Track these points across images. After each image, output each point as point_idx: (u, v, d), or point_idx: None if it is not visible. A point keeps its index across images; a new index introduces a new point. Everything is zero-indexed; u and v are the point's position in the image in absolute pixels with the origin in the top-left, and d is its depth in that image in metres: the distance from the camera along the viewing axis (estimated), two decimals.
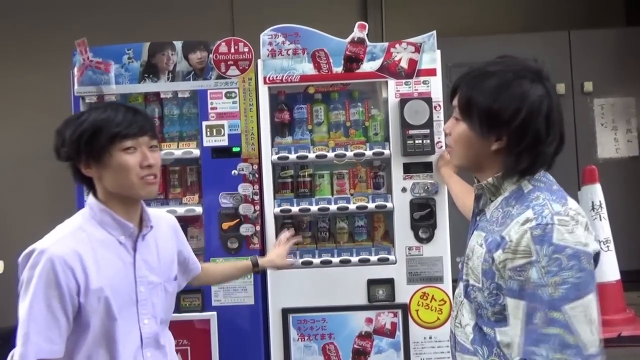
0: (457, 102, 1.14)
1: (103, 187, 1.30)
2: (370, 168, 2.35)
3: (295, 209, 2.24)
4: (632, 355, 2.50)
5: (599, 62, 3.13)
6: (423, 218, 2.19)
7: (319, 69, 2.23)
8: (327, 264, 2.22)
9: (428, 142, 2.16)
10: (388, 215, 2.30)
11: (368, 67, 2.23)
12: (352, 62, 2.23)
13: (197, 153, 2.25)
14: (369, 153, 2.24)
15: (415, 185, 2.20)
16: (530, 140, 1.06)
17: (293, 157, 2.23)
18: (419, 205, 2.19)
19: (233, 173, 2.23)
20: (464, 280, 1.17)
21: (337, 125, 2.34)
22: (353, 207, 2.22)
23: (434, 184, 2.19)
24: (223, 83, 2.25)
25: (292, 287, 2.19)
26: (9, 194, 3.22)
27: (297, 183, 2.34)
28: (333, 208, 2.23)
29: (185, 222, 2.27)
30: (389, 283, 2.19)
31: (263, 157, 2.23)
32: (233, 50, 2.25)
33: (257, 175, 2.23)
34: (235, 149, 2.23)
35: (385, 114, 2.29)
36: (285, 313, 2.20)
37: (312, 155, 2.24)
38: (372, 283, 2.19)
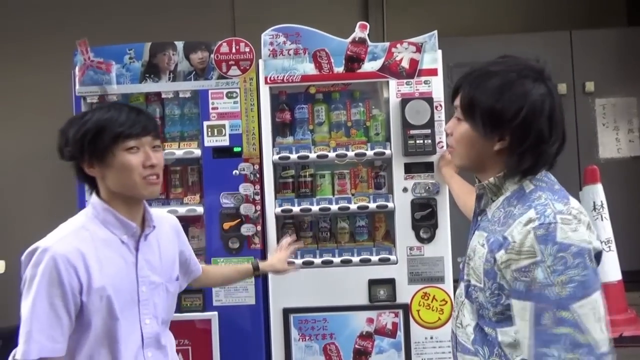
0: (459, 102, 1.14)
1: (106, 186, 1.31)
2: (372, 168, 2.35)
3: (297, 209, 2.24)
4: (633, 356, 2.49)
5: (601, 62, 3.12)
6: (424, 218, 2.19)
7: (320, 69, 2.23)
8: (328, 264, 2.22)
9: (429, 142, 2.16)
10: (389, 215, 2.30)
11: (369, 67, 2.23)
12: (353, 62, 2.23)
13: (198, 153, 2.25)
14: (370, 153, 2.24)
15: (417, 185, 2.20)
16: (533, 140, 1.06)
17: (294, 157, 2.23)
18: (420, 205, 2.19)
19: (234, 173, 2.23)
20: (465, 281, 1.17)
21: (338, 125, 2.34)
22: (354, 207, 2.22)
23: (435, 184, 2.19)
24: (224, 83, 2.25)
25: (293, 287, 2.19)
26: (11, 194, 3.23)
27: (298, 183, 2.34)
28: (334, 208, 2.23)
29: (187, 222, 2.27)
30: (390, 283, 2.19)
31: (264, 157, 2.23)
32: (234, 50, 2.25)
33: (258, 175, 2.23)
34: (237, 149, 2.23)
35: (387, 114, 2.29)
36: (287, 313, 2.20)
37: (313, 155, 2.24)
38: (373, 283, 2.19)
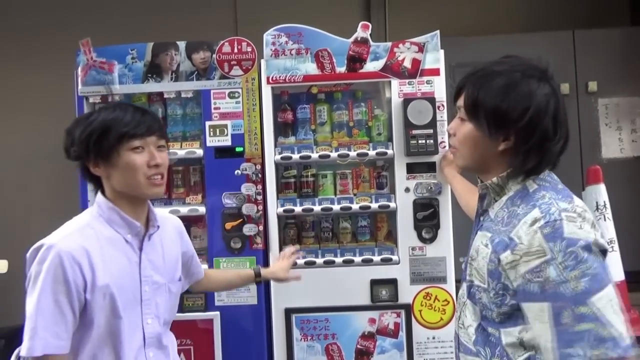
0: (462, 102, 1.13)
1: (111, 186, 1.32)
2: (374, 168, 2.35)
3: (298, 209, 2.24)
4: (636, 357, 2.48)
5: (604, 61, 3.11)
6: (426, 218, 2.19)
7: (322, 69, 2.23)
8: (330, 264, 2.22)
9: (431, 142, 2.16)
10: (391, 216, 2.30)
11: (371, 67, 2.23)
12: (355, 62, 2.23)
13: (200, 153, 2.25)
14: (372, 153, 2.24)
15: (419, 185, 2.20)
16: (538, 139, 1.06)
17: (296, 157, 2.23)
18: (422, 206, 2.19)
19: (236, 173, 2.23)
20: (468, 281, 1.17)
21: (340, 125, 2.33)
22: (356, 207, 2.22)
23: (438, 184, 2.19)
24: (226, 83, 2.25)
25: (295, 287, 2.17)
26: (14, 194, 3.23)
27: (300, 183, 2.34)
28: (336, 208, 2.23)
29: (189, 222, 2.27)
30: (392, 283, 2.19)
31: (266, 157, 2.23)
32: (236, 50, 2.25)
33: (260, 175, 2.23)
34: (239, 149, 2.24)
35: (389, 114, 2.29)
36: (288, 313, 2.20)
37: (315, 155, 2.24)
38: (375, 283, 2.19)
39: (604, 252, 1.02)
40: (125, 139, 1.28)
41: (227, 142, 2.24)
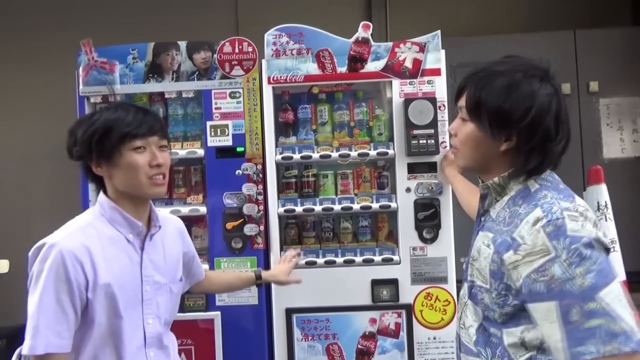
0: (464, 102, 1.13)
1: (113, 186, 1.32)
2: (375, 168, 2.35)
3: (299, 209, 2.24)
4: None
5: (605, 61, 3.11)
6: (427, 218, 2.19)
7: (323, 69, 2.23)
8: (331, 264, 2.21)
9: (432, 142, 2.16)
10: (392, 216, 2.30)
11: (372, 67, 2.23)
12: (356, 62, 2.23)
13: (201, 153, 2.25)
14: (373, 153, 2.23)
15: (420, 186, 2.19)
16: (540, 139, 1.06)
17: (297, 157, 2.23)
18: (423, 206, 2.19)
19: (237, 173, 2.23)
20: (469, 282, 1.17)
21: (341, 125, 2.33)
22: (357, 207, 2.22)
23: (438, 184, 2.19)
24: (227, 83, 2.26)
25: (296, 287, 2.16)
26: (15, 194, 3.24)
27: (301, 183, 2.34)
28: (337, 208, 2.23)
29: (190, 222, 2.27)
30: (393, 283, 2.19)
31: (267, 157, 2.23)
32: (237, 50, 2.25)
33: (261, 175, 2.23)
34: (240, 149, 2.24)
35: (390, 114, 2.28)
36: (289, 313, 2.20)
37: (316, 155, 2.24)
38: (376, 283, 2.19)
39: (607, 250, 1.01)
40: (127, 139, 1.28)
41: (228, 142, 2.24)
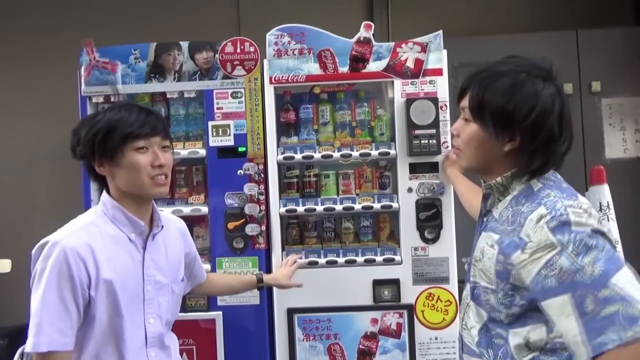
0: (467, 103, 1.13)
1: (115, 185, 1.33)
2: (376, 168, 2.35)
3: (301, 209, 2.24)
4: None
5: (607, 61, 3.10)
6: (429, 218, 2.18)
7: (325, 69, 2.23)
8: (332, 264, 2.21)
9: (434, 142, 2.16)
10: (394, 216, 2.30)
11: (374, 67, 2.23)
12: (358, 62, 2.23)
13: (203, 153, 2.25)
14: (375, 153, 2.23)
15: (421, 186, 2.19)
16: (544, 140, 1.06)
17: (299, 157, 2.23)
18: (425, 206, 2.19)
19: (239, 173, 2.23)
20: (471, 282, 1.16)
21: (342, 125, 2.33)
22: (359, 207, 2.22)
23: (440, 184, 2.18)
24: (229, 83, 2.26)
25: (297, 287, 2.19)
26: (17, 194, 3.24)
27: (302, 183, 2.34)
28: (339, 208, 2.23)
29: (191, 221, 2.27)
30: (395, 283, 2.19)
31: (269, 157, 2.23)
32: (239, 50, 2.26)
33: (262, 175, 2.23)
34: (241, 149, 2.24)
35: (391, 114, 2.28)
36: (291, 313, 2.20)
37: (317, 155, 2.24)
38: (377, 283, 2.19)
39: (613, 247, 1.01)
40: (130, 139, 1.29)
41: (229, 142, 2.24)
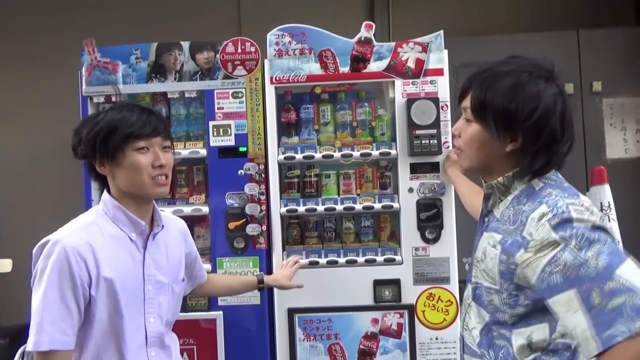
0: (468, 103, 1.13)
1: (116, 185, 1.33)
2: (377, 168, 2.35)
3: (302, 209, 2.24)
4: None
5: (608, 61, 3.10)
6: (430, 218, 2.18)
7: (326, 69, 2.23)
8: (333, 264, 2.21)
9: (435, 142, 2.15)
10: (394, 216, 2.30)
11: (375, 67, 2.23)
12: (359, 62, 2.23)
13: (203, 153, 2.26)
14: (376, 153, 2.23)
15: (422, 186, 2.19)
16: (546, 140, 1.06)
17: (299, 157, 2.23)
18: (426, 206, 2.19)
19: (239, 173, 2.23)
20: (473, 283, 1.16)
21: (343, 125, 2.33)
22: (359, 207, 2.22)
23: (441, 184, 2.18)
24: (230, 83, 2.26)
25: None
26: (18, 194, 3.24)
27: (303, 183, 2.33)
28: (339, 208, 2.23)
29: (192, 221, 2.27)
30: (395, 284, 2.18)
31: (269, 157, 2.23)
32: (240, 50, 2.26)
33: (263, 175, 2.23)
34: (242, 149, 2.24)
35: (392, 114, 2.28)
36: (291, 313, 2.20)
37: (318, 155, 2.24)
38: (378, 283, 2.19)
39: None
40: (131, 140, 1.29)
41: (230, 142, 2.24)
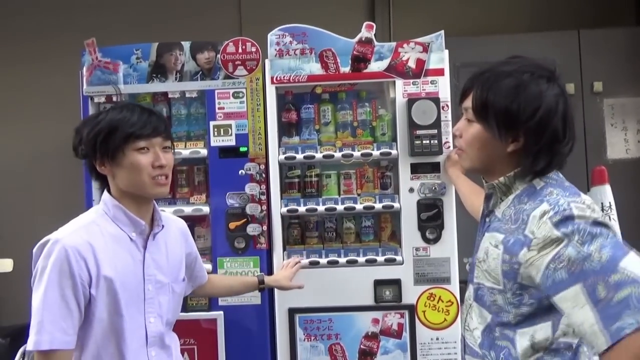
0: (470, 103, 1.13)
1: (116, 184, 1.33)
2: (378, 168, 2.35)
3: (302, 209, 2.24)
4: None
5: (609, 61, 3.09)
6: (430, 219, 2.18)
7: (327, 69, 2.23)
8: (333, 264, 2.21)
9: (435, 142, 2.15)
10: (395, 216, 2.30)
11: (376, 67, 2.23)
12: (359, 62, 2.23)
13: (204, 153, 2.26)
14: (376, 153, 2.23)
15: (423, 186, 2.19)
16: (548, 140, 1.06)
17: (300, 157, 2.23)
18: (426, 206, 2.18)
19: (240, 173, 2.23)
20: (475, 284, 1.16)
21: (344, 125, 2.33)
22: (360, 207, 2.22)
23: (442, 185, 2.18)
24: (231, 83, 2.26)
25: None
26: (19, 194, 3.25)
27: (304, 183, 2.34)
28: (340, 208, 2.23)
29: (193, 221, 2.27)
30: (396, 284, 2.18)
31: (270, 157, 2.23)
32: (240, 50, 2.26)
33: (264, 175, 2.23)
34: (243, 149, 2.24)
35: (393, 114, 2.28)
36: (292, 313, 2.20)
37: (319, 155, 2.24)
38: (378, 284, 2.19)
39: None
40: (131, 140, 1.29)
41: (231, 142, 2.24)
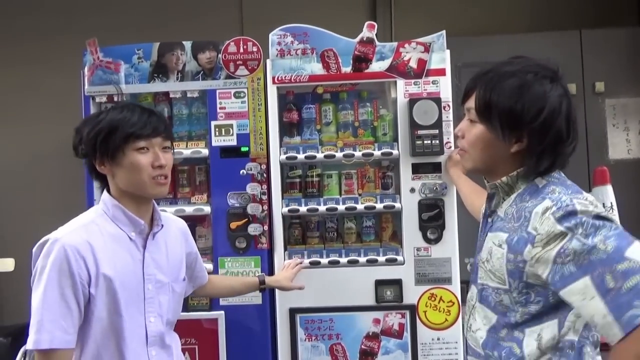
0: (473, 103, 1.12)
1: (116, 184, 1.34)
2: (379, 168, 2.35)
3: (303, 209, 2.24)
4: None
5: (611, 61, 3.09)
6: (431, 219, 2.18)
7: (328, 69, 2.23)
8: (335, 264, 2.21)
9: (437, 142, 2.15)
10: (396, 216, 2.29)
11: (377, 67, 2.22)
12: (361, 62, 2.23)
13: (205, 153, 2.26)
14: (378, 153, 2.23)
15: (424, 186, 2.19)
16: (552, 141, 1.06)
17: (301, 157, 2.23)
18: (428, 206, 2.18)
19: (241, 173, 2.23)
20: (479, 284, 1.15)
21: (345, 125, 2.33)
22: (361, 207, 2.22)
23: (443, 185, 2.18)
24: (232, 83, 2.26)
25: None
26: (20, 193, 3.25)
27: (305, 183, 2.33)
28: (341, 208, 2.23)
29: (194, 221, 2.27)
30: (397, 284, 2.18)
31: (271, 157, 2.23)
32: (242, 50, 2.26)
33: (265, 175, 2.23)
34: (244, 149, 2.24)
35: (394, 114, 2.28)
36: (293, 313, 2.20)
37: (320, 155, 2.23)
38: (380, 284, 2.19)
39: None
40: (131, 140, 1.29)
41: (232, 141, 2.24)
